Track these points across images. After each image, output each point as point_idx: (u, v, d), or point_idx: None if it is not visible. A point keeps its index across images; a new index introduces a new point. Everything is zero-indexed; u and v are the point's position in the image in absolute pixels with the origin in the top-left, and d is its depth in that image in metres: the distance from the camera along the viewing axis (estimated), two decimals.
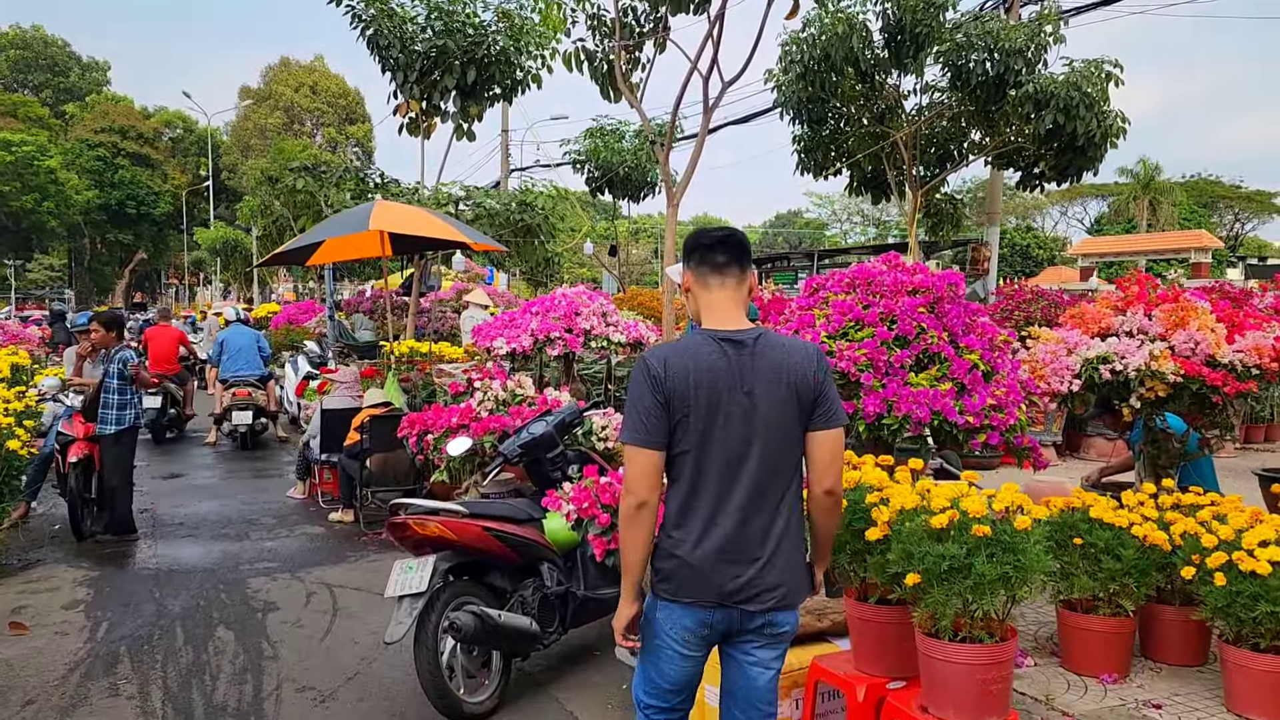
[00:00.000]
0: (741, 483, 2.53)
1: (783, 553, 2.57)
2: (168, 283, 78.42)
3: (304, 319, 20.19)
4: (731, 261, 2.65)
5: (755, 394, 2.53)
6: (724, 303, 2.63)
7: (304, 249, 9.25)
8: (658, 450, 2.53)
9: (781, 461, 2.57)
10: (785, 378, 2.54)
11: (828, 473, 2.59)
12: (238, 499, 9.37)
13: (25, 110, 61.05)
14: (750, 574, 2.54)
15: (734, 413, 2.53)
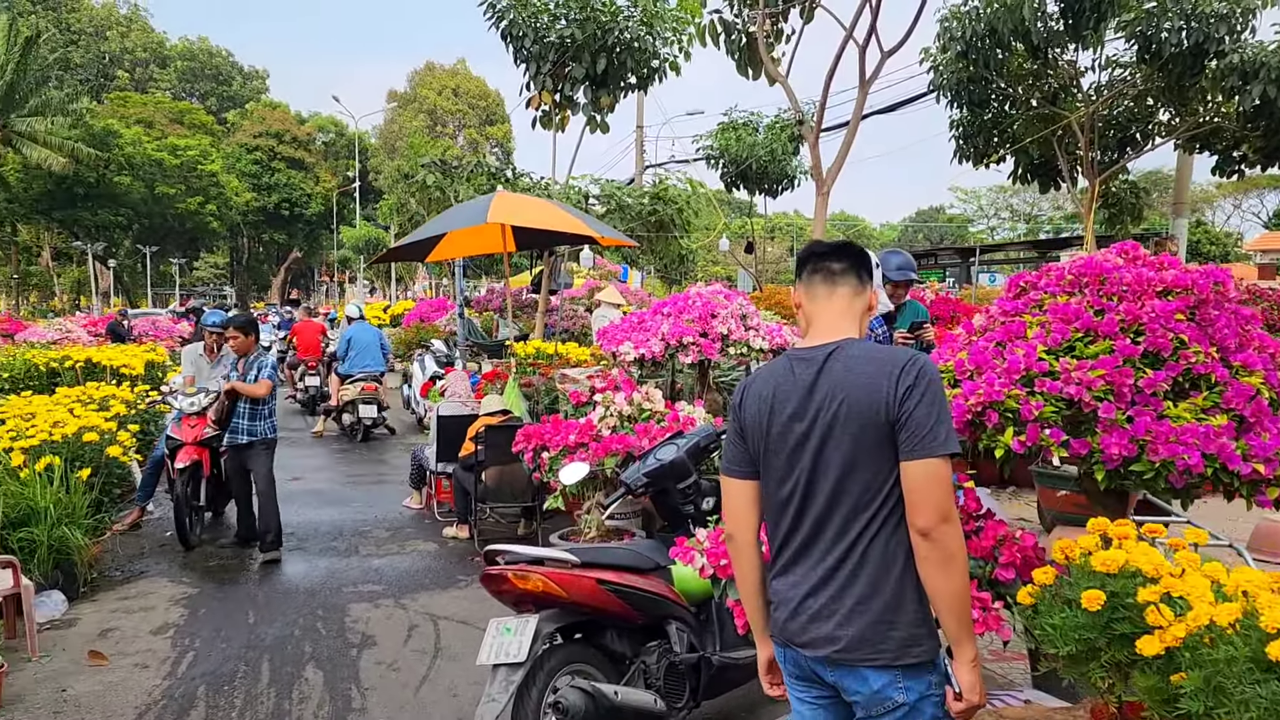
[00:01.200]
0: (807, 518, 2.30)
1: (851, 598, 2.23)
2: (319, 279, 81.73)
3: (435, 316, 20.01)
4: (848, 271, 2.41)
5: (813, 418, 2.27)
6: (831, 316, 2.38)
7: (425, 244, 8.70)
8: (742, 479, 2.45)
9: (853, 496, 2.24)
10: (847, 397, 2.23)
11: (919, 510, 2.15)
12: (352, 507, 8.90)
13: (191, 117, 64.36)
14: (805, 617, 2.29)
15: (790, 441, 2.32)
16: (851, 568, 2.24)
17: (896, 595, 2.22)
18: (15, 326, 20.59)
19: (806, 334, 2.43)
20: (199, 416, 7.60)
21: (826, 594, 2.26)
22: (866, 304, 2.42)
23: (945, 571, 2.16)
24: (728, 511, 2.48)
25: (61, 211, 51.25)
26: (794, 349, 2.43)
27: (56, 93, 48.82)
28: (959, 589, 2.17)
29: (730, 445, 2.47)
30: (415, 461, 8.81)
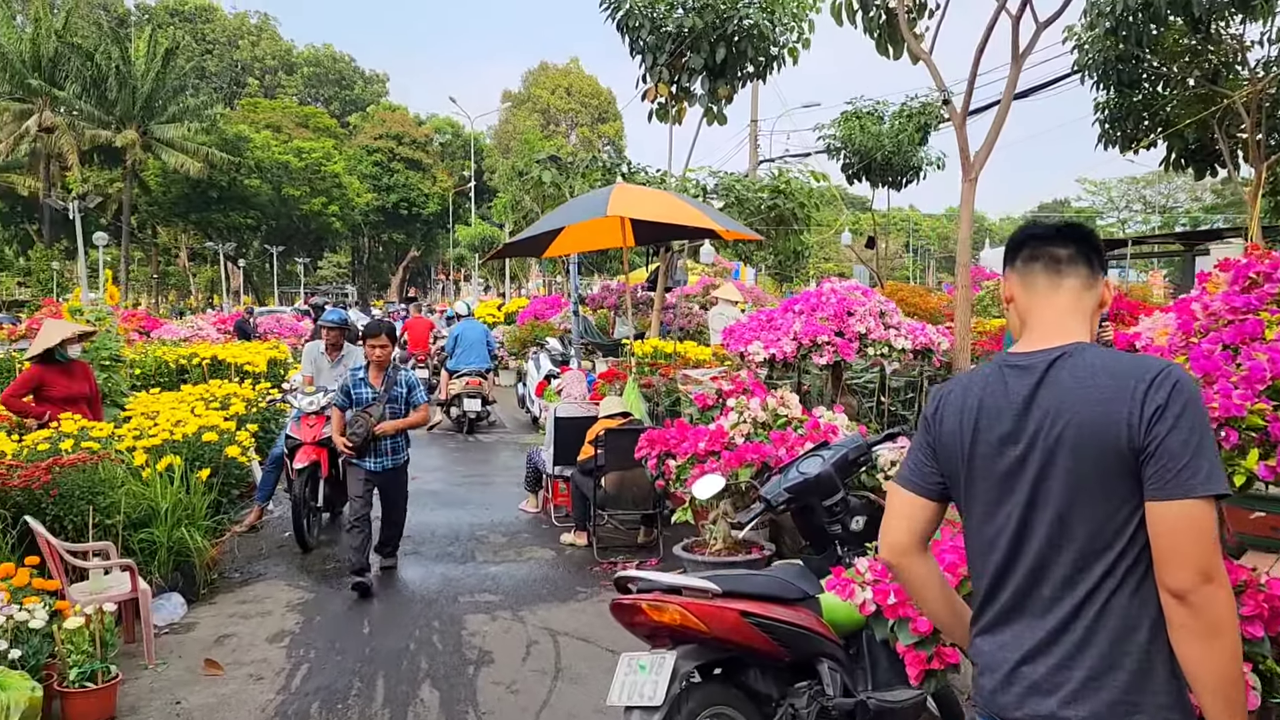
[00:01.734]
0: (1020, 564, 1.86)
1: (1081, 669, 1.76)
2: (436, 278, 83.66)
3: (550, 314, 19.92)
4: (1076, 258, 1.94)
5: (1030, 441, 1.83)
6: (1054, 314, 1.93)
7: (542, 239, 8.44)
8: (917, 494, 2.04)
9: (1080, 540, 1.78)
10: (1075, 418, 1.77)
11: (1173, 566, 1.68)
12: (468, 509, 8.71)
13: (316, 121, 66.62)
14: (1020, 688, 1.83)
15: (999, 468, 1.88)
16: (1082, 631, 1.79)
17: (1142, 670, 1.75)
18: (152, 324, 21.38)
19: (1020, 335, 1.99)
20: (318, 416, 7.50)
21: (1048, 661, 1.82)
22: (1099, 299, 1.97)
23: (1209, 645, 1.67)
24: (886, 523, 2.10)
25: (196, 214, 53.66)
26: (1006, 354, 1.98)
27: (193, 100, 51.11)
28: (1227, 668, 1.68)
29: (915, 458, 2.09)
30: (531, 464, 8.56)
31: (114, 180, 51.72)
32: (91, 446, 5.86)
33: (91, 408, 6.98)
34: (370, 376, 6.38)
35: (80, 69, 47.43)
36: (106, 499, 5.44)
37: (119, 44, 47.95)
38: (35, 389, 6.69)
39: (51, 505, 5.26)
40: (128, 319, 21.16)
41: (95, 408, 7.02)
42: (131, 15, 66.24)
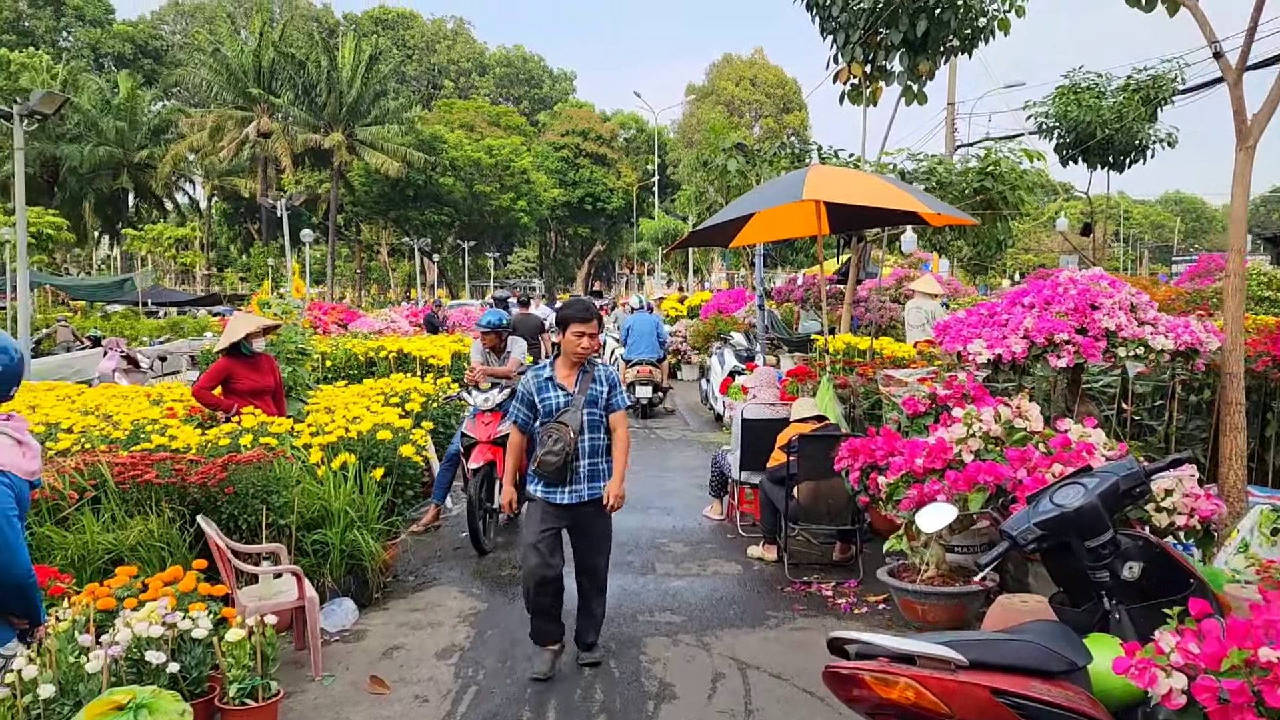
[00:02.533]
0: None
1: None
2: (620, 272, 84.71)
3: (733, 308, 19.32)
4: None
5: None
6: None
7: (728, 228, 7.84)
8: None
9: None
10: None
11: None
12: (649, 513, 8.24)
13: (506, 119, 68.63)
14: None
15: None
16: None
17: None
18: (349, 316, 22.25)
19: None
20: (493, 413, 7.21)
21: None
22: None
23: None
24: None
25: (395, 211, 56.33)
26: None
27: (393, 103, 53.61)
28: None
29: None
30: (716, 467, 7.99)
31: (323, 181, 54.98)
32: (269, 443, 5.73)
33: (276, 401, 6.94)
34: (559, 374, 4.76)
35: (293, 77, 50.65)
36: (280, 498, 5.26)
37: (328, 52, 50.85)
38: (224, 381, 6.69)
39: (226, 504, 5.11)
40: (328, 311, 22.12)
41: (279, 401, 6.98)
42: (340, 25, 70.34)
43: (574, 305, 4.78)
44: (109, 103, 50.22)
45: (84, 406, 7.43)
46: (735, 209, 7.24)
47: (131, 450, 5.64)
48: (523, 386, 4.81)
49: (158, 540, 4.85)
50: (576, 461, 4.64)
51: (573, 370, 4.76)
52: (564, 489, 4.66)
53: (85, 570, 4.74)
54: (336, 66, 50.44)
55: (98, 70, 60.48)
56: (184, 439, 5.80)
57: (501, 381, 7.37)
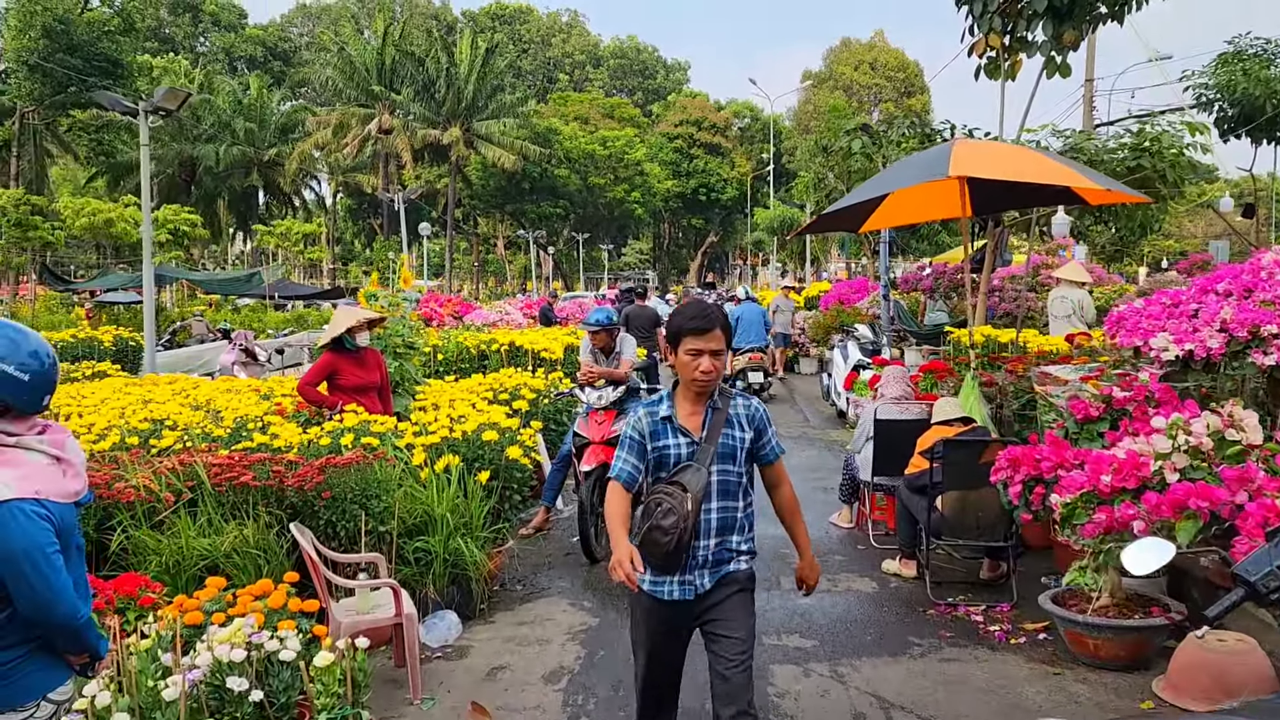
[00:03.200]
0: None
1: None
2: (734, 262, 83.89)
3: (855, 299, 18.47)
4: None
5: None
6: None
7: (856, 211, 7.20)
8: None
9: None
10: None
11: None
12: (772, 519, 7.65)
13: (620, 111, 68.55)
14: None
15: None
16: None
17: None
18: (465, 309, 22.31)
19: None
20: (606, 411, 6.78)
21: None
22: None
23: None
24: None
25: (511, 204, 56.91)
26: None
27: (509, 97, 54.14)
28: None
29: None
30: (847, 471, 7.36)
31: (441, 176, 55.94)
32: (370, 443, 5.42)
33: (382, 397, 6.66)
34: (680, 410, 3.18)
35: (413, 74, 51.65)
36: (380, 503, 4.93)
37: (446, 49, 51.66)
38: (329, 377, 6.44)
39: (324, 509, 4.81)
40: (444, 304, 22.21)
41: (386, 397, 6.70)
42: (458, 22, 71.53)
43: (689, 311, 3.14)
44: (240, 103, 52.21)
45: (196, 401, 7.33)
46: (868, 189, 6.61)
47: (232, 449, 5.42)
48: (632, 428, 3.18)
49: (253, 547, 4.57)
50: (696, 541, 3.19)
51: (698, 405, 3.17)
52: (674, 579, 3.23)
53: (180, 577, 4.50)
54: (455, 62, 51.18)
55: (231, 73, 63.05)
56: (286, 437, 5.56)
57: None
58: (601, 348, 7.27)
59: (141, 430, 5.69)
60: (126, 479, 4.60)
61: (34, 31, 41.38)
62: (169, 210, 36.46)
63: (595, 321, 7.26)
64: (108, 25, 48.48)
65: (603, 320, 7.25)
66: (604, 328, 7.22)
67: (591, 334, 7.28)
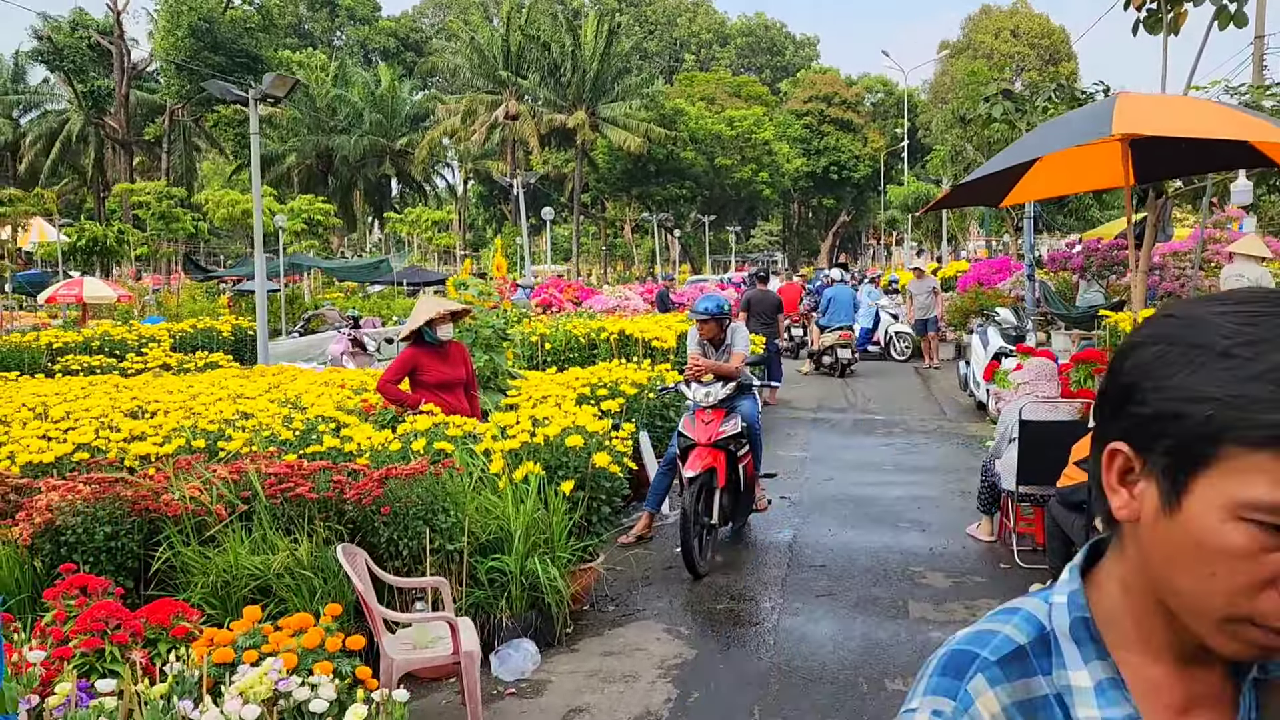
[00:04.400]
0: None
1: None
2: (866, 243, 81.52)
3: (995, 279, 17.17)
4: None
5: None
6: None
7: (999, 181, 6.26)
8: None
9: None
10: None
11: None
12: (898, 528, 6.86)
13: (747, 90, 67.21)
14: None
15: None
16: None
17: None
18: (585, 294, 21.95)
19: None
20: (715, 410, 6.11)
21: None
22: None
23: None
24: None
25: (638, 187, 56.53)
26: None
27: (635, 78, 53.74)
28: None
29: None
30: (986, 477, 6.48)
31: (568, 160, 56.04)
32: (444, 448, 4.91)
33: (468, 394, 6.19)
34: None
35: (539, 59, 51.80)
36: (449, 518, 4.42)
37: (571, 32, 51.58)
38: (410, 373, 6.00)
39: (384, 525, 4.33)
40: (564, 289, 21.89)
41: (472, 394, 6.22)
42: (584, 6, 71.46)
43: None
44: (373, 95, 53.53)
45: (285, 396, 7.04)
46: (1012, 155, 5.69)
47: (300, 454, 5.01)
48: None
49: (307, 567, 4.12)
50: None
51: None
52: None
53: (229, 599, 4.10)
54: (580, 45, 51.06)
55: (366, 65, 64.77)
56: (359, 440, 5.11)
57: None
58: (711, 339, 6.59)
59: (210, 431, 5.37)
60: (174, 491, 4.23)
61: (180, 31, 43.35)
62: (304, 200, 37.56)
63: (703, 310, 6.59)
64: (249, 22, 50.46)
65: (711, 309, 6.57)
66: (712, 317, 6.54)
67: (699, 323, 6.61)
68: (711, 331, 6.51)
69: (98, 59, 47.98)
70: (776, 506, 7.30)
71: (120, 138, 46.00)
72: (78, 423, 5.95)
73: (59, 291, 22.51)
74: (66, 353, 11.71)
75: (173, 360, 11.06)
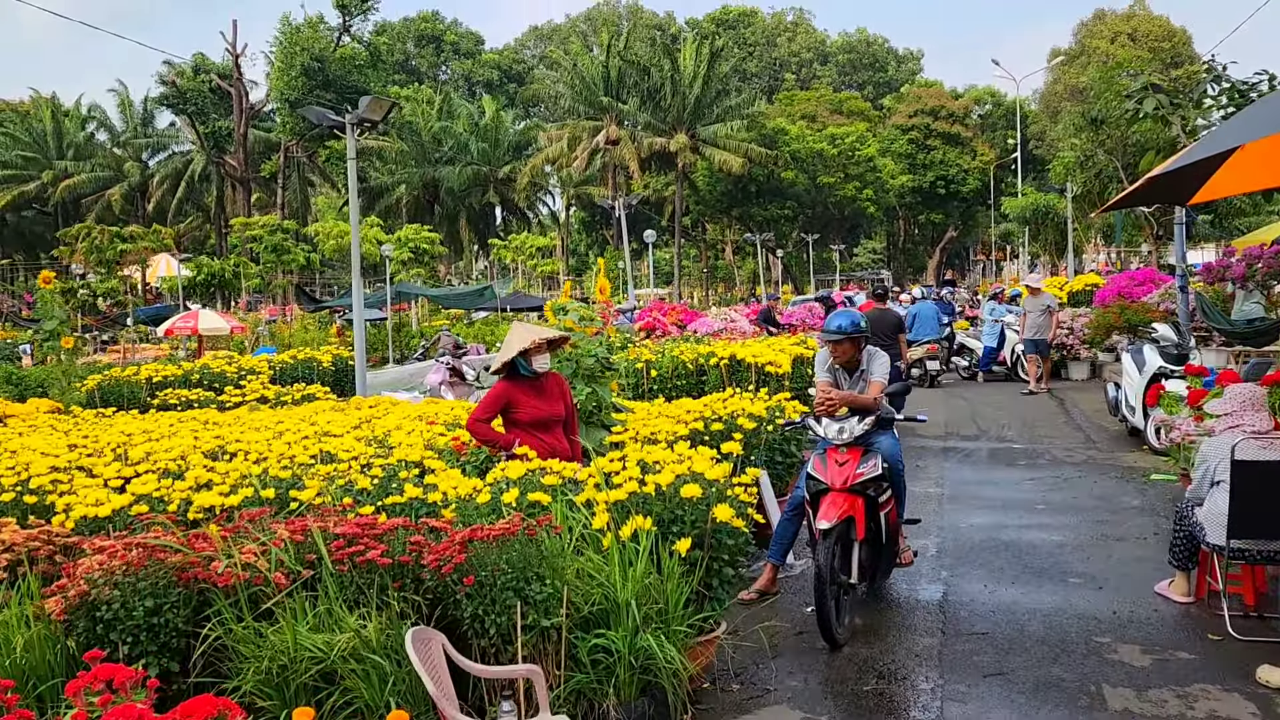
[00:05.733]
0: None
1: None
2: (975, 258, 78.82)
3: (1139, 292, 15.73)
4: None
5: None
6: None
7: (1197, 171, 5.26)
8: None
9: None
10: None
11: None
12: (1069, 585, 5.84)
13: (849, 105, 65.76)
14: None
15: None
16: None
17: None
18: (689, 317, 21.19)
19: None
20: (850, 449, 5.25)
21: None
22: None
23: None
24: None
25: (738, 208, 55.69)
26: None
27: (736, 99, 53.08)
28: None
29: None
30: (1182, 525, 5.42)
31: (668, 183, 55.59)
32: (540, 500, 4.20)
33: (568, 431, 5.48)
34: None
35: (639, 83, 51.62)
36: (545, 588, 3.69)
37: (670, 56, 51.29)
38: (503, 410, 5.32)
39: (466, 599, 3.62)
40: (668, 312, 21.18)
41: (572, 431, 5.51)
42: (682, 32, 71.22)
43: None
44: (477, 125, 54.19)
45: (373, 433, 6.47)
46: (1214, 142, 4.70)
47: (380, 505, 4.36)
48: None
49: (376, 649, 3.44)
50: None
51: None
52: None
53: (288, 686, 3.44)
54: (679, 69, 50.69)
55: (471, 98, 65.76)
56: (445, 488, 4.44)
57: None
58: (844, 364, 5.69)
59: (282, 479, 4.78)
60: (225, 556, 3.61)
61: (294, 71, 44.55)
62: (409, 230, 37.98)
63: (837, 328, 5.63)
64: (358, 60, 51.73)
65: (845, 327, 5.62)
66: (847, 336, 5.59)
67: (832, 345, 5.68)
68: (846, 354, 5.61)
69: (218, 101, 49.83)
70: (919, 553, 6.37)
71: (239, 175, 47.56)
72: (156, 464, 5.49)
73: (176, 324, 22.94)
74: (166, 386, 11.52)
75: (270, 392, 10.73)
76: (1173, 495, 8.00)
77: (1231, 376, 7.30)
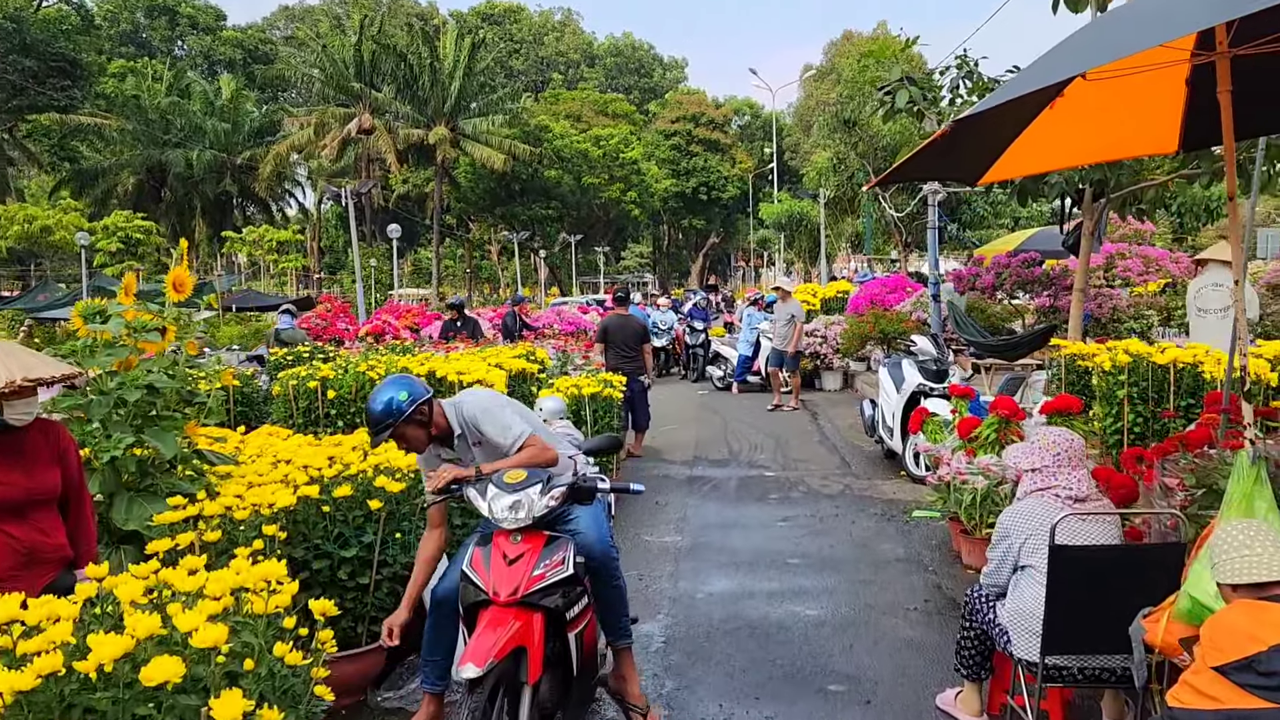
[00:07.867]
0: None
1: None
2: (736, 264, 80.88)
3: (891, 300, 15.14)
4: None
5: None
6: None
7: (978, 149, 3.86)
8: None
9: None
10: None
11: None
12: (824, 690, 4.32)
13: (614, 107, 65.27)
14: None
15: None
16: None
17: None
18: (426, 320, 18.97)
19: None
20: (525, 536, 3.45)
21: None
22: None
23: None
24: None
25: (502, 207, 53.60)
26: None
27: (500, 93, 51.02)
28: None
29: None
30: (973, 623, 3.99)
31: (429, 178, 52.64)
32: None
33: (70, 515, 3.35)
34: None
35: (394, 70, 48.43)
36: None
37: (429, 43, 48.51)
38: None
39: None
40: (400, 315, 18.84)
41: (80, 514, 3.38)
42: (446, 23, 68.21)
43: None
44: (213, 105, 49.03)
45: None
46: (1033, 78, 3.25)
47: None
48: None
49: None
50: None
51: None
52: None
53: None
54: (439, 58, 48.01)
55: (210, 78, 59.68)
56: None
57: (537, 472, 3.60)
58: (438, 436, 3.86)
59: None
60: None
61: None
62: (119, 217, 33.22)
63: (376, 421, 3.65)
64: (66, 23, 45.41)
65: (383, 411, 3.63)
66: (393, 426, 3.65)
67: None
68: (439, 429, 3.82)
69: None
70: (636, 650, 4.67)
71: None
72: None
73: None
74: None
75: None
76: (938, 541, 6.85)
77: (1008, 404, 6.17)
